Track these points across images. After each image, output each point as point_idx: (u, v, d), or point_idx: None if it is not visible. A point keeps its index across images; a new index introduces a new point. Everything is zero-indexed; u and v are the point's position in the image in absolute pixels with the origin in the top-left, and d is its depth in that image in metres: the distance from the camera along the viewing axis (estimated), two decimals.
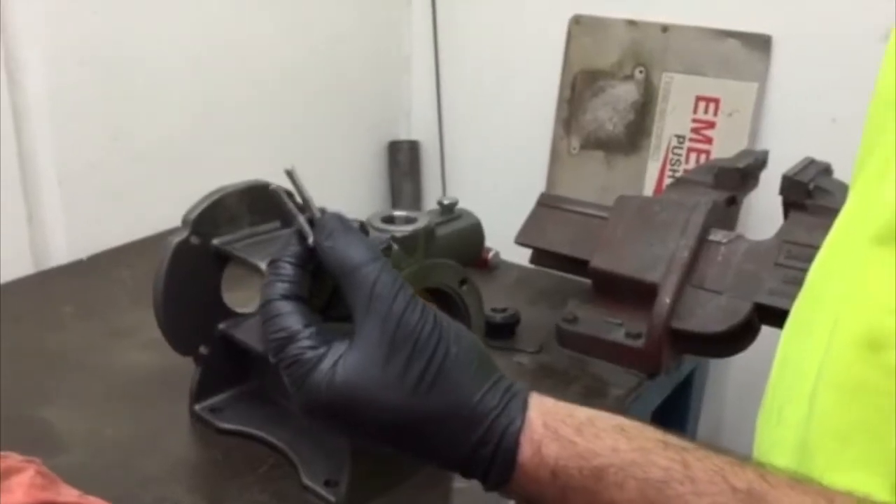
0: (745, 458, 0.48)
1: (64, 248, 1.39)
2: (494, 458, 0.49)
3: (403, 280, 0.53)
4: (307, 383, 0.51)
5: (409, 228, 0.80)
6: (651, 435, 0.48)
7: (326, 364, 0.51)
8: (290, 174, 0.58)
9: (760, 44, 1.62)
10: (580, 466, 0.47)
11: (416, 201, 2.05)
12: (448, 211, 0.87)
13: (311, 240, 0.55)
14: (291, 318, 0.52)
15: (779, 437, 0.58)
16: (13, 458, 0.70)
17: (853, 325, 0.48)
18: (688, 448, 0.47)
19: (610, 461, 0.46)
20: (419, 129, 2.06)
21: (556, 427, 0.49)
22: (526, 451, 0.49)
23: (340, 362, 0.50)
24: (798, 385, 0.55)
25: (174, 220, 0.98)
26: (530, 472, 0.49)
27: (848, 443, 0.48)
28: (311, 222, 0.56)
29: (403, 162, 2.04)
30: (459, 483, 0.90)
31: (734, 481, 0.44)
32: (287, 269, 0.54)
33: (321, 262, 0.54)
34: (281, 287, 0.54)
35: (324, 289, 0.58)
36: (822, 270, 0.58)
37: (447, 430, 0.50)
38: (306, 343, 0.52)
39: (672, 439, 0.48)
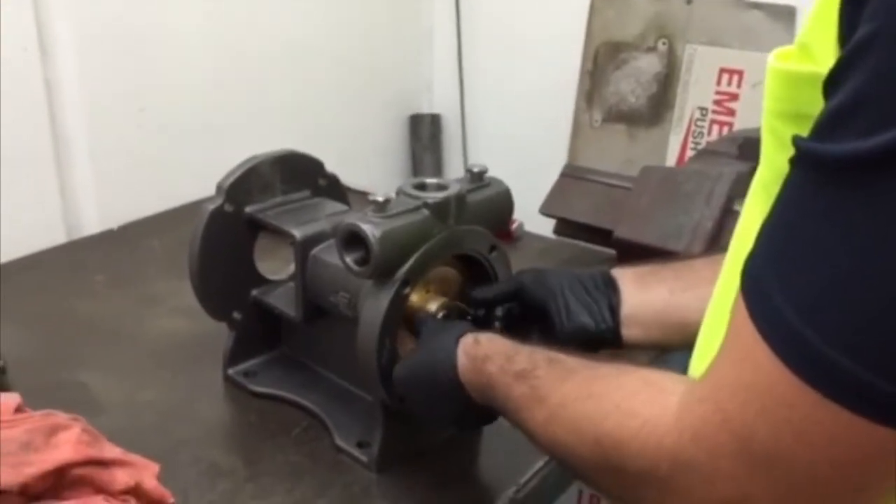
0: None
1: (95, 219, 1.41)
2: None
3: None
4: None
5: (440, 195, 0.81)
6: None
7: None
8: None
9: (784, 14, 1.61)
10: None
11: (436, 174, 2.05)
12: (478, 178, 0.87)
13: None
14: None
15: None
16: (60, 416, 0.73)
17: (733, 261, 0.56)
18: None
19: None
20: (441, 102, 2.07)
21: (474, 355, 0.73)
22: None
23: None
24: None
25: (202, 190, 1.00)
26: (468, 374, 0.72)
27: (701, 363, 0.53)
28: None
29: (424, 135, 2.05)
30: (486, 446, 0.92)
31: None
32: None
33: None
34: None
35: None
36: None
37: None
38: None
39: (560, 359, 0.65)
